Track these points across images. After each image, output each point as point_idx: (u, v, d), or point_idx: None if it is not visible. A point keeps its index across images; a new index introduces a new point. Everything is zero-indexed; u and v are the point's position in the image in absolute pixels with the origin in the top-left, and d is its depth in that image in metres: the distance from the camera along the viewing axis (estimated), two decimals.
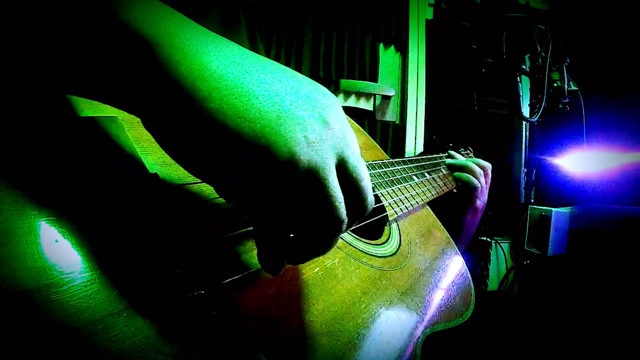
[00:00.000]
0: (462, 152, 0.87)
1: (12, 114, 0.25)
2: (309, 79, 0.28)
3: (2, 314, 0.19)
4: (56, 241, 0.22)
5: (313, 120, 0.25)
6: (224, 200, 0.33)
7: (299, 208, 0.25)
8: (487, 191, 0.78)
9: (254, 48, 0.51)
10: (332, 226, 0.26)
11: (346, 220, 0.27)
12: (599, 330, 1.34)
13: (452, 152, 0.82)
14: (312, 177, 0.24)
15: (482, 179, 0.77)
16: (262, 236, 0.28)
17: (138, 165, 0.29)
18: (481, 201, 0.77)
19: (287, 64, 1.50)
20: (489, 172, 0.79)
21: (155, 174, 0.29)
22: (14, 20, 0.21)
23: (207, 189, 0.33)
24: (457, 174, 0.76)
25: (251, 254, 0.31)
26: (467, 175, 0.75)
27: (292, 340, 0.29)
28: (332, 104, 0.27)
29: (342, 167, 0.26)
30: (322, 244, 0.28)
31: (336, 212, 0.26)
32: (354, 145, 0.27)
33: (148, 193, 0.28)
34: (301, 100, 0.25)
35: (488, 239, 1.66)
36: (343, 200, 0.26)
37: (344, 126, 0.27)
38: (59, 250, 0.22)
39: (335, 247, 0.39)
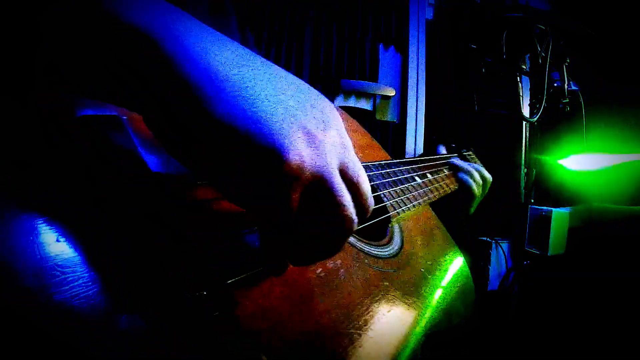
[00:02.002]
0: (464, 153, 0.87)
1: (12, 114, 0.25)
2: (303, 81, 0.28)
3: (3, 313, 0.19)
4: (57, 241, 0.22)
5: (315, 124, 0.25)
6: (225, 200, 0.33)
7: (307, 210, 0.25)
8: (478, 202, 0.80)
9: (243, 40, 0.51)
10: (344, 227, 0.26)
11: (356, 220, 0.27)
12: (599, 330, 1.34)
13: (455, 161, 0.82)
14: (318, 180, 0.24)
15: (479, 189, 0.79)
16: (267, 237, 0.28)
17: (139, 165, 0.29)
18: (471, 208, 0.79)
19: (287, 64, 1.50)
20: (487, 185, 0.81)
21: (157, 173, 0.29)
22: (14, 20, 0.21)
23: (208, 189, 0.33)
24: (460, 174, 0.77)
25: (254, 254, 0.31)
26: (469, 178, 0.77)
27: (294, 341, 0.29)
28: (330, 109, 0.27)
29: (343, 171, 0.27)
30: (330, 246, 0.28)
31: (347, 212, 0.26)
32: (351, 148, 0.28)
33: (148, 193, 0.28)
34: (302, 104, 0.25)
35: (488, 239, 1.66)
36: (351, 200, 0.26)
37: (341, 130, 0.28)
38: (61, 250, 0.22)
39: None
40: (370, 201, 0.29)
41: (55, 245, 0.22)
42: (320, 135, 0.25)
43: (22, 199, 0.22)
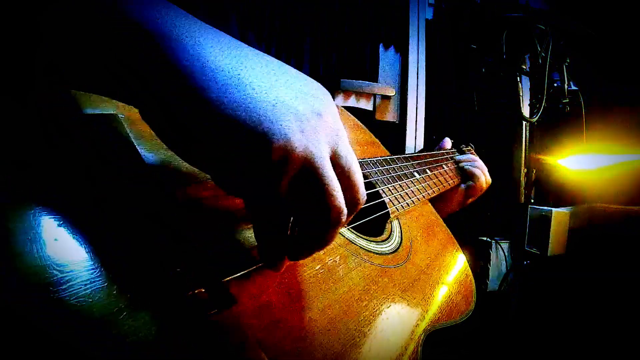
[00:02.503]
0: (464, 148, 0.87)
1: (12, 114, 0.25)
2: (301, 72, 0.28)
3: (3, 313, 0.19)
4: (55, 240, 0.22)
5: (307, 111, 0.25)
6: (223, 199, 0.33)
7: (297, 200, 0.26)
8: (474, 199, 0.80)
9: (244, 40, 0.51)
10: (332, 217, 0.26)
11: (345, 211, 0.27)
12: (599, 330, 1.33)
13: (460, 157, 0.82)
14: (308, 166, 0.25)
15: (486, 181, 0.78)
16: (262, 233, 0.28)
17: (138, 164, 0.29)
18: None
19: (287, 64, 1.50)
20: (488, 183, 0.81)
21: (156, 172, 0.29)
22: (14, 20, 0.21)
23: (206, 188, 0.33)
24: (467, 166, 0.76)
25: (251, 251, 0.31)
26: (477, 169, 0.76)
27: (293, 338, 0.29)
28: (324, 97, 0.27)
29: (335, 159, 0.27)
30: (322, 237, 0.28)
31: (335, 201, 0.26)
32: (346, 138, 0.28)
33: (148, 192, 0.28)
34: (295, 92, 0.25)
35: (488, 239, 1.66)
36: (340, 189, 0.26)
37: (335, 118, 0.27)
38: (60, 249, 0.22)
39: (336, 244, 0.39)
40: (362, 193, 0.29)
41: (54, 244, 0.22)
42: (313, 122, 0.25)
43: (22, 199, 0.23)
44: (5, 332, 0.19)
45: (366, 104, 1.60)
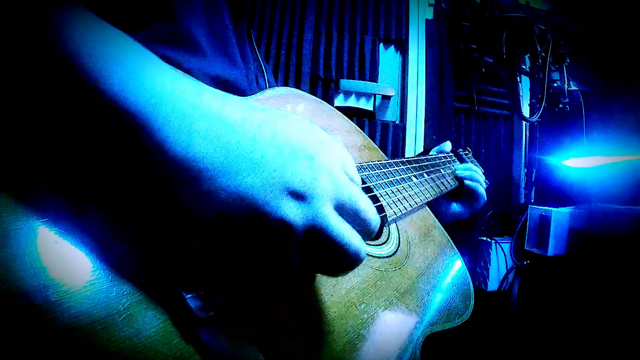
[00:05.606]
0: (461, 152, 0.86)
1: (11, 114, 0.25)
2: (292, 117, 0.27)
3: (3, 314, 0.19)
4: (55, 242, 0.22)
5: (300, 176, 0.25)
6: None
7: (312, 255, 0.26)
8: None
9: (237, 28, 0.49)
10: (348, 263, 0.27)
11: (362, 251, 0.27)
12: (599, 330, 1.34)
13: (460, 172, 0.77)
14: (314, 233, 0.25)
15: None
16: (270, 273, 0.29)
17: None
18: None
19: (287, 64, 1.50)
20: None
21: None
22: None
23: None
24: (467, 182, 0.74)
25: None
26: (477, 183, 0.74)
27: (291, 340, 0.29)
28: (316, 149, 0.26)
29: (341, 206, 0.26)
30: (347, 270, 0.28)
31: (349, 250, 0.26)
32: (346, 181, 0.27)
33: (147, 194, 0.28)
34: (285, 158, 0.25)
35: (488, 239, 1.66)
36: (352, 234, 0.26)
37: (335, 168, 0.27)
38: (58, 250, 0.22)
39: None
40: (374, 224, 0.29)
41: (54, 245, 0.22)
42: (307, 184, 0.25)
43: (21, 200, 0.23)
44: (4, 333, 0.19)
45: (366, 104, 1.59)
